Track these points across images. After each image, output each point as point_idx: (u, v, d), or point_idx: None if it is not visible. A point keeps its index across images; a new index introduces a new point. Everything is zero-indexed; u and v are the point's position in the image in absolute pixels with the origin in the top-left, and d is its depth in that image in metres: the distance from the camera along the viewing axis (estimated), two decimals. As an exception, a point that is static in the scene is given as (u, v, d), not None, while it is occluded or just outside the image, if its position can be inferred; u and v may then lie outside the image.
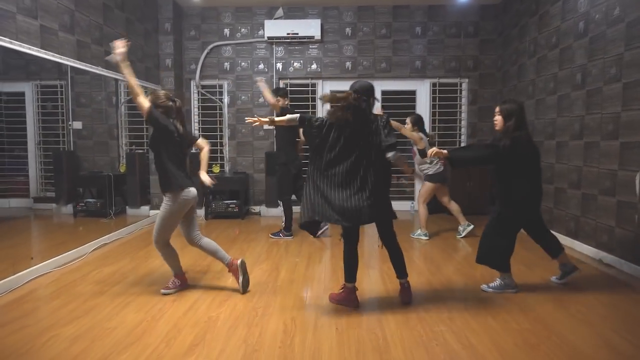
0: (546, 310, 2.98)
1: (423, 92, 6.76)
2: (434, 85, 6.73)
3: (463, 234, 5.02)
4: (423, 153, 4.80)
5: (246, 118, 3.36)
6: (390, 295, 3.29)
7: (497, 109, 3.22)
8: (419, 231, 5.04)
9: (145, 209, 6.39)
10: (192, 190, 3.20)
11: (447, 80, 6.71)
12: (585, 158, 4.37)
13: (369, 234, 5.11)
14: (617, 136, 3.90)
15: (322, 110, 6.78)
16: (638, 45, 3.63)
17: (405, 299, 3.10)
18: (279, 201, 5.73)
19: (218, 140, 6.88)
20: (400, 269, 3.12)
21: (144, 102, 3.07)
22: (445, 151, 3.14)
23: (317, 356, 2.39)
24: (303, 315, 2.95)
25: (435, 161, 4.84)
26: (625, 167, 3.80)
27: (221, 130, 6.87)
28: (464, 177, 6.22)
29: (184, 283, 3.40)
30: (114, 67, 5.04)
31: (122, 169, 6.43)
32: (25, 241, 4.89)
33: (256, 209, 6.70)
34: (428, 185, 4.94)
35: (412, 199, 6.76)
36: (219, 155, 6.88)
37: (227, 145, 6.82)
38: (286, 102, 5.07)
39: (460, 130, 6.82)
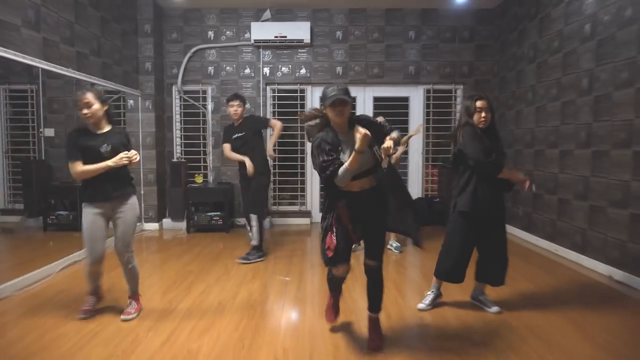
0: (569, 340, 2.67)
1: (416, 99, 6.50)
2: (427, 91, 6.48)
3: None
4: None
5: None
6: (391, 320, 2.95)
7: (485, 103, 2.88)
8: (395, 243, 4.86)
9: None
10: None
11: (442, 86, 6.47)
12: (593, 168, 4.13)
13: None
14: (629, 144, 3.65)
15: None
16: (653, 48, 3.41)
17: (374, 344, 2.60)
18: (252, 215, 4.42)
19: (201, 149, 6.50)
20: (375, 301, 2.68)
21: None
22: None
23: (315, 402, 2.04)
24: (296, 345, 2.59)
25: None
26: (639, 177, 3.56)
27: (205, 138, 6.49)
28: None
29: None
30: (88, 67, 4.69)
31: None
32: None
33: (241, 221, 6.31)
34: None
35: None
36: (202, 164, 6.50)
37: (210, 154, 6.44)
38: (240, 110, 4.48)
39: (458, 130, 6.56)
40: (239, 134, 4.44)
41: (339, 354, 2.48)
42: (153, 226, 6.11)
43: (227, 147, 4.50)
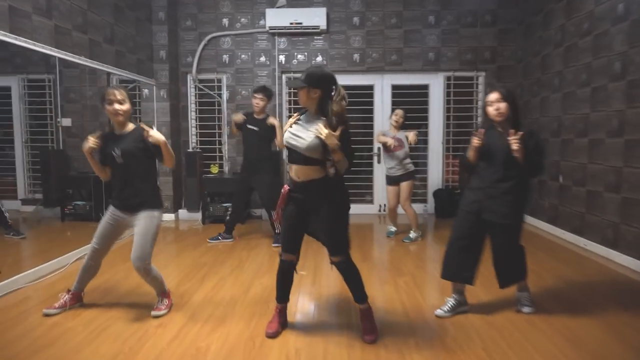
0: (599, 342, 2.50)
1: (436, 87, 6.28)
2: (448, 79, 6.25)
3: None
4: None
5: None
6: (409, 316, 2.82)
7: (498, 95, 2.64)
8: (413, 234, 4.79)
9: (138, 212, 5.96)
10: None
11: (463, 73, 6.22)
12: (626, 158, 3.88)
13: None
14: (667, 133, 3.41)
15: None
16: (696, 28, 3.15)
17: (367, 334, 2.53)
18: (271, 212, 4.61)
19: (216, 139, 6.43)
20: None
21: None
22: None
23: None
24: (309, 345, 2.48)
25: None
26: (678, 168, 3.32)
27: (220, 128, 6.41)
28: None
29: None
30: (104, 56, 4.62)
31: (114, 170, 6.04)
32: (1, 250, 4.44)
33: (257, 212, 6.24)
34: (411, 183, 4.77)
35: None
36: (217, 154, 6.43)
37: (226, 144, 6.37)
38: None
39: (475, 127, 6.34)
40: (254, 128, 4.54)
41: (353, 354, 2.36)
42: (169, 217, 6.08)
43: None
